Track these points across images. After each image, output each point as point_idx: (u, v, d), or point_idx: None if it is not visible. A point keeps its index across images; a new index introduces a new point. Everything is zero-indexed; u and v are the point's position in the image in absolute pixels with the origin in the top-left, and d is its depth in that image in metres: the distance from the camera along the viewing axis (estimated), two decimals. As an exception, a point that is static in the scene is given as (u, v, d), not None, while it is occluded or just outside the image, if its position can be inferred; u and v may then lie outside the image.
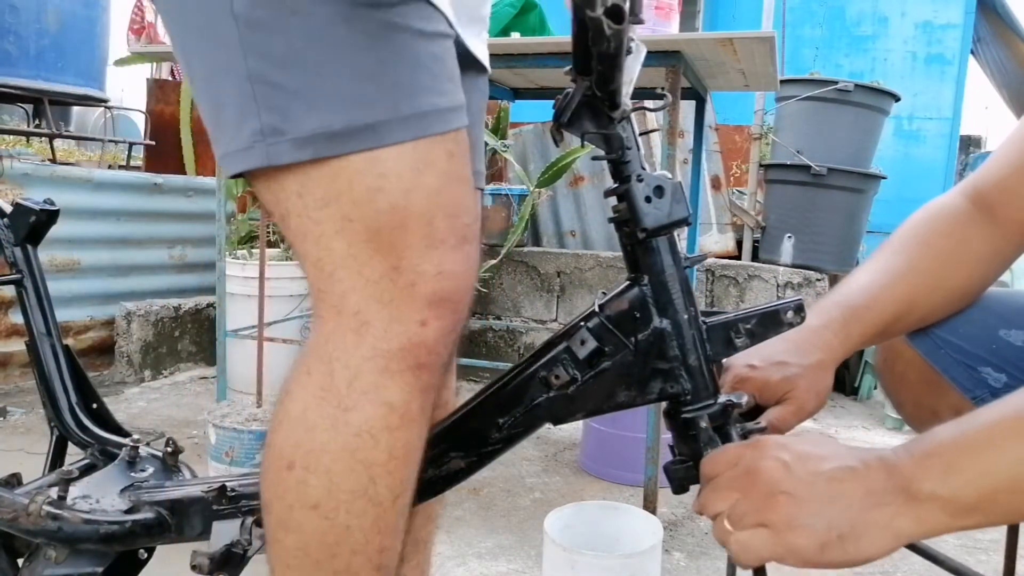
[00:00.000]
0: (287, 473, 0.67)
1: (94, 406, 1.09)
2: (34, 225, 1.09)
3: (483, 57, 0.86)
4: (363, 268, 0.65)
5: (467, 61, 0.79)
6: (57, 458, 1.08)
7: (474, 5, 0.80)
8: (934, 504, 0.57)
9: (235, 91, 0.63)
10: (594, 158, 0.71)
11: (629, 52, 0.67)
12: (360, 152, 0.63)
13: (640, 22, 0.60)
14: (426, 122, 0.65)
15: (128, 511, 0.88)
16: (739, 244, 3.33)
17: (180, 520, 0.87)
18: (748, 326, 0.73)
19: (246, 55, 0.62)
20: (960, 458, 0.57)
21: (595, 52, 0.59)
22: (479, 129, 0.94)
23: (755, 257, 3.25)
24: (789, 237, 3.12)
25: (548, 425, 0.75)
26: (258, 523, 0.86)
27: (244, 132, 0.64)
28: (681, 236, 2.45)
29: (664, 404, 0.74)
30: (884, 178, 3.22)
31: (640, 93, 2.69)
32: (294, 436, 0.67)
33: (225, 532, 0.84)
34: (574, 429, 2.41)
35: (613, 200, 0.73)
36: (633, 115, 0.71)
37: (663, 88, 1.79)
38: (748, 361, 0.82)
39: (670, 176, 0.71)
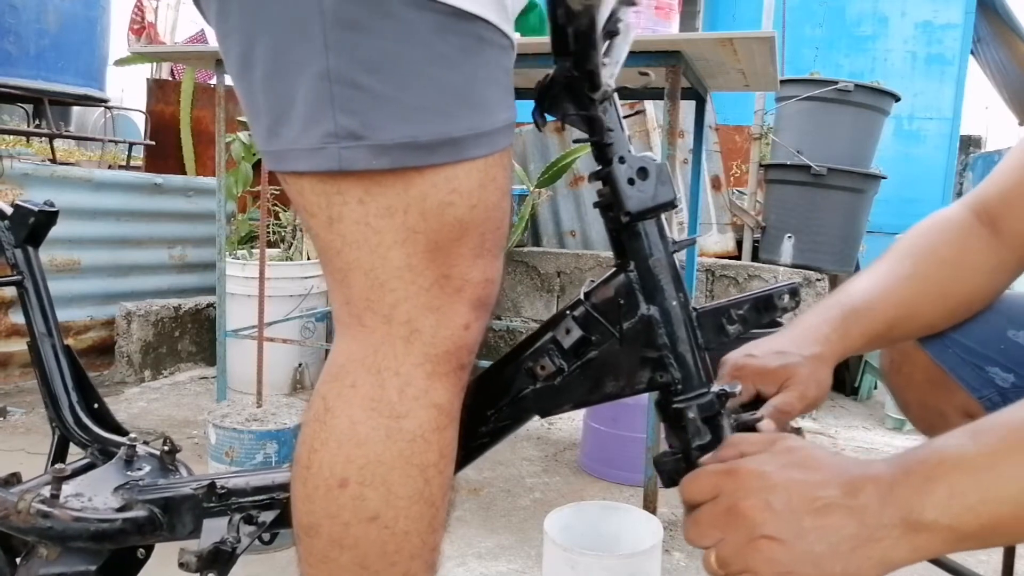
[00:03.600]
0: (340, 491, 0.66)
1: (95, 406, 1.09)
2: (34, 226, 1.09)
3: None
4: (417, 277, 0.64)
5: None
6: (58, 458, 1.08)
7: (516, 9, 0.79)
8: (934, 533, 0.53)
9: (309, 88, 0.61)
10: (576, 140, 0.71)
11: (617, 33, 0.66)
12: (437, 166, 0.62)
13: (632, 3, 0.59)
14: (498, 137, 0.65)
15: (120, 509, 0.87)
16: (739, 244, 3.33)
17: (171, 518, 0.86)
18: (741, 312, 0.71)
19: (328, 53, 0.60)
20: (963, 482, 0.53)
21: (571, 31, 0.59)
22: None
23: (755, 257, 3.25)
24: (789, 237, 3.12)
25: (546, 425, 0.74)
26: (247, 520, 0.85)
27: (315, 132, 0.61)
28: (681, 234, 2.45)
29: (656, 394, 0.72)
30: (884, 178, 3.22)
31: (640, 94, 2.69)
32: (343, 452, 0.66)
33: (215, 530, 0.84)
34: (574, 429, 2.41)
35: (600, 185, 0.71)
36: (616, 97, 0.69)
37: (645, 70, 1.78)
38: (747, 351, 0.81)
39: (655, 158, 0.69)
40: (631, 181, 0.68)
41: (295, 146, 0.63)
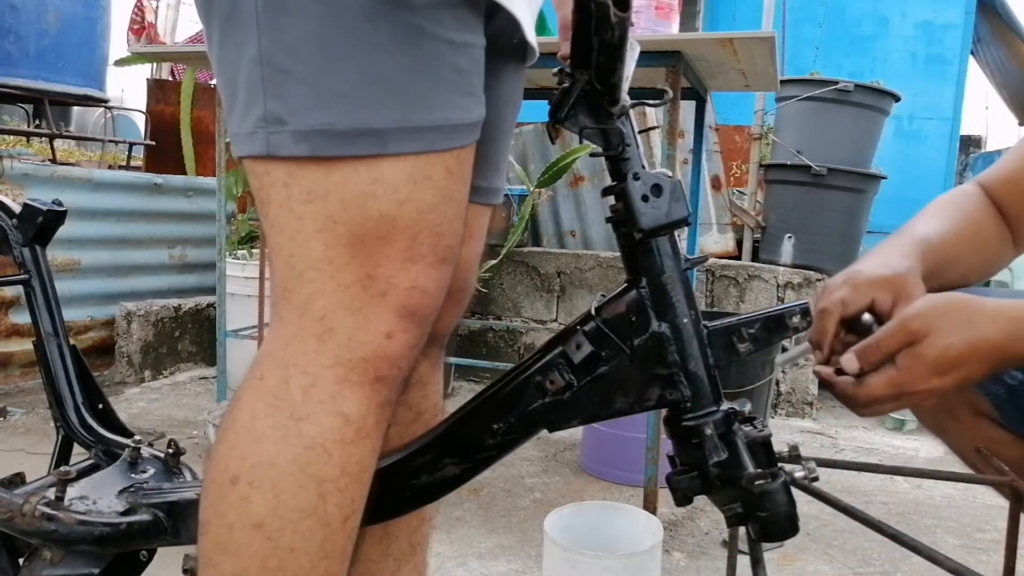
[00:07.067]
0: (230, 488, 0.62)
1: (100, 407, 1.09)
2: (42, 225, 1.09)
3: (534, 40, 0.77)
4: (337, 272, 0.61)
5: (518, 50, 0.74)
6: (62, 458, 1.08)
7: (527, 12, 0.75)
8: None
9: (247, 73, 0.61)
10: (592, 154, 0.70)
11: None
12: (360, 157, 0.60)
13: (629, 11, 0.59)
14: (434, 137, 0.61)
15: (124, 513, 0.87)
16: (739, 244, 3.33)
17: (176, 523, 0.86)
18: (752, 331, 0.71)
19: (260, 36, 0.59)
20: None
21: (597, 42, 0.58)
22: (510, 125, 0.85)
23: (755, 257, 3.25)
24: (789, 237, 3.12)
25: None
26: None
27: (251, 116, 0.61)
28: (681, 236, 2.45)
29: (664, 411, 0.72)
30: (884, 178, 3.22)
31: (640, 93, 2.69)
32: (240, 447, 0.63)
33: None
34: (574, 429, 2.40)
35: (612, 199, 0.71)
36: (632, 112, 0.69)
37: (664, 84, 1.79)
38: (847, 272, 0.82)
39: (669, 174, 0.68)
40: (645, 198, 0.67)
41: (238, 131, 0.63)
